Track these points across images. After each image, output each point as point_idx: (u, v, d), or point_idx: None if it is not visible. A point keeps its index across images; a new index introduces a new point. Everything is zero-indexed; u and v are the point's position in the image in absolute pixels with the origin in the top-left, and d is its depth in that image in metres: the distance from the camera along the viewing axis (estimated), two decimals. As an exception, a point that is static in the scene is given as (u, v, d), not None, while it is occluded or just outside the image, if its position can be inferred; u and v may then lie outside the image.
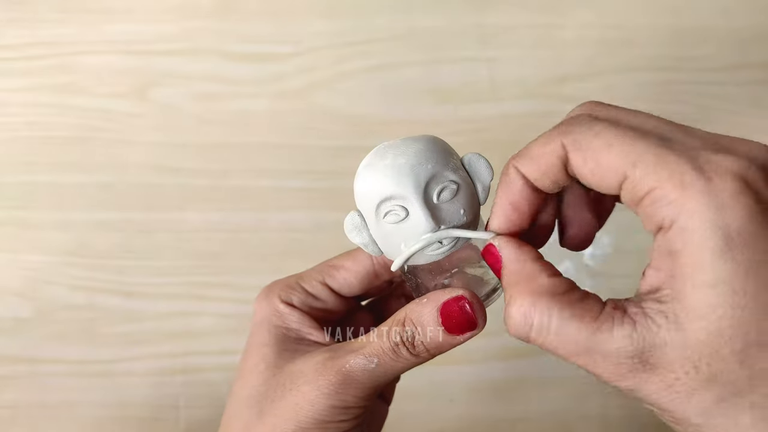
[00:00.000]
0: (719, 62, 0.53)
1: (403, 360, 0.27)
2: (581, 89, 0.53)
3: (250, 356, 0.30)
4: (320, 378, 0.27)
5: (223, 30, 0.53)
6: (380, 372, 0.27)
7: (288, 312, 0.30)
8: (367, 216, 0.27)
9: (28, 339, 0.50)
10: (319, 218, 0.51)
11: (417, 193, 0.26)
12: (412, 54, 0.53)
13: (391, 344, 0.27)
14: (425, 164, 0.26)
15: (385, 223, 0.26)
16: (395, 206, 0.26)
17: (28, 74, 0.53)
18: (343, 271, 0.31)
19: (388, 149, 0.27)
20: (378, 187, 0.26)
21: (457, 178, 0.26)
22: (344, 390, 0.27)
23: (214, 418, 0.30)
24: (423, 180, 0.26)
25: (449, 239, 0.26)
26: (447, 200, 0.26)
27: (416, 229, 0.26)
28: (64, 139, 0.52)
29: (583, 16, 0.54)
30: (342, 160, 0.52)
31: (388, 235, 0.27)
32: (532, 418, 0.50)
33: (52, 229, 0.51)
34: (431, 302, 0.26)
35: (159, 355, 0.50)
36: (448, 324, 0.26)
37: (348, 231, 0.28)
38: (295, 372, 0.28)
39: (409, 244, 0.26)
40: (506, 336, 0.24)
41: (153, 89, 0.53)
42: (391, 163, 0.26)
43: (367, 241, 0.28)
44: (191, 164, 0.52)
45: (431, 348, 0.27)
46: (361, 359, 0.27)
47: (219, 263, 0.51)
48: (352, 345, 0.28)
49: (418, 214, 0.26)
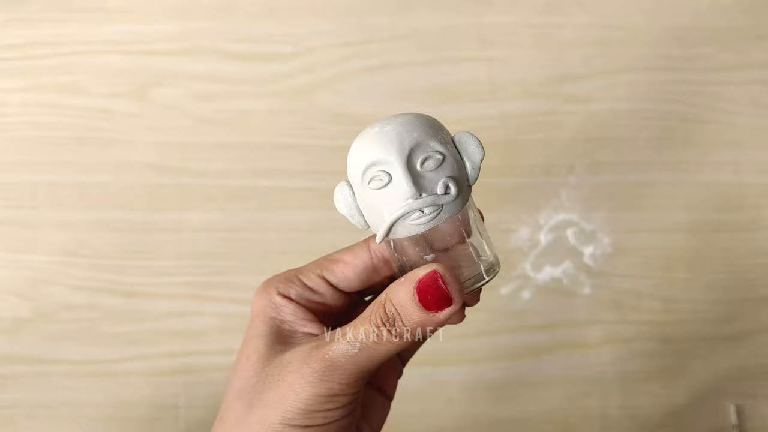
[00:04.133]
0: (719, 62, 0.53)
1: (387, 342, 0.27)
2: (581, 89, 0.53)
3: (244, 348, 0.30)
4: (305, 367, 0.27)
5: (223, 30, 0.53)
6: (364, 357, 0.27)
7: (283, 304, 0.30)
8: (355, 185, 0.28)
9: (28, 339, 0.50)
10: (319, 218, 0.51)
11: (400, 158, 0.26)
12: (412, 54, 0.53)
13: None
14: (411, 132, 0.26)
15: (369, 189, 0.27)
16: (379, 171, 0.26)
17: (28, 74, 0.53)
18: (342, 265, 0.31)
19: (379, 121, 0.27)
20: (364, 153, 0.27)
21: (443, 150, 0.27)
22: (329, 377, 0.27)
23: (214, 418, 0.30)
24: (407, 146, 0.26)
25: (431, 208, 0.26)
26: (431, 169, 0.26)
27: (398, 194, 0.26)
28: (64, 139, 0.52)
29: (583, 16, 0.54)
30: (342, 160, 0.51)
31: (372, 203, 0.27)
32: (532, 418, 0.50)
33: (52, 229, 0.51)
34: (408, 281, 0.26)
35: (159, 355, 0.50)
36: (424, 301, 0.26)
37: (336, 201, 0.28)
38: (283, 362, 0.28)
39: (387, 212, 0.26)
40: (506, 336, 0.24)
41: (153, 89, 0.53)
42: (378, 131, 0.27)
43: (354, 212, 0.28)
44: (191, 164, 0.52)
45: (411, 327, 0.26)
46: (343, 345, 0.27)
47: (219, 263, 0.51)
48: (336, 333, 0.28)
49: (400, 179, 0.26)
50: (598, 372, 0.50)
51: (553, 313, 0.50)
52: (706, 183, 0.52)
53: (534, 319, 0.51)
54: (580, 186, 0.52)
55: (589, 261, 0.51)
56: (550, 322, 0.51)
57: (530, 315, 0.51)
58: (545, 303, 0.50)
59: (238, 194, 0.52)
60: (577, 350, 0.50)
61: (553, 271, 0.51)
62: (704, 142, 0.52)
